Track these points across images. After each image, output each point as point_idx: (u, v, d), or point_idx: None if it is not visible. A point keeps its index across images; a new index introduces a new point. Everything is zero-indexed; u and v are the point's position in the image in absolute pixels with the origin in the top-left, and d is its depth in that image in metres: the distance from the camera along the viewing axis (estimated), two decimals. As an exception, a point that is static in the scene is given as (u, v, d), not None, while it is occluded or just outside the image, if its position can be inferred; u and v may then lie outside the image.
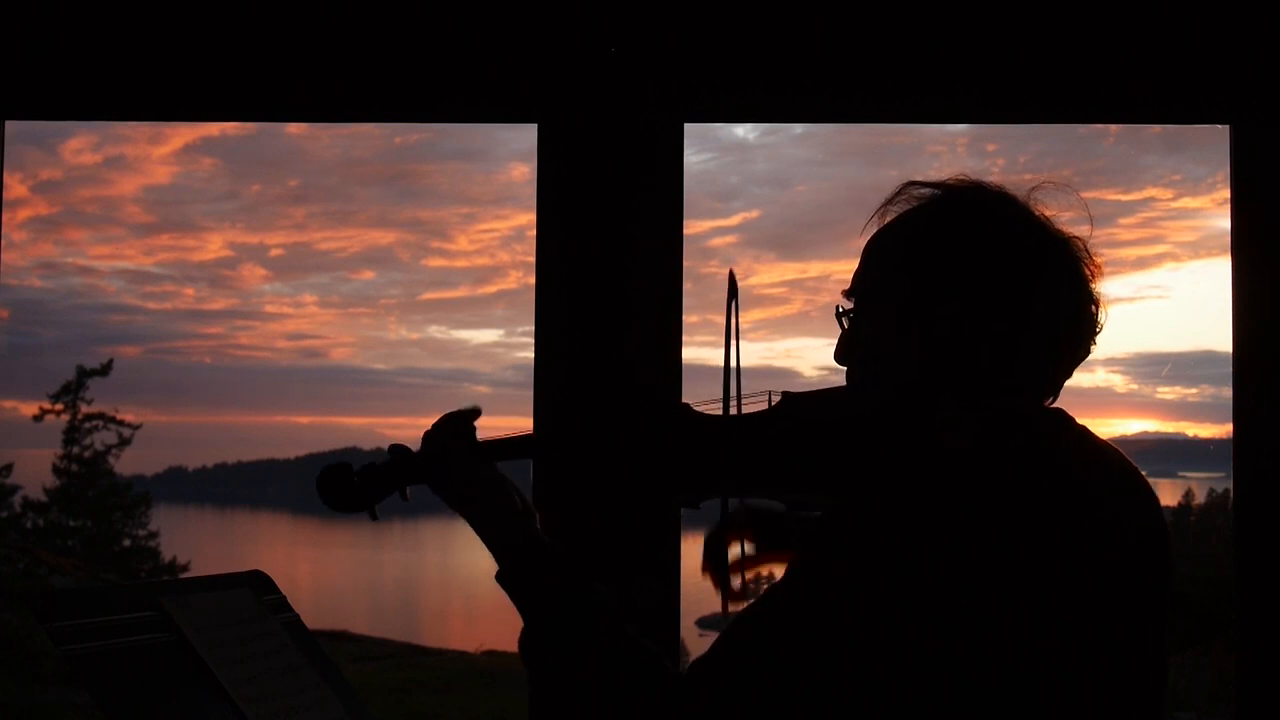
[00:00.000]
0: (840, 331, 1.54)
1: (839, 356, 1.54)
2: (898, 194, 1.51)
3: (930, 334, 1.44)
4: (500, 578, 1.57)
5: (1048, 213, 1.48)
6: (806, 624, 1.32)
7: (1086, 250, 1.48)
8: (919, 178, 1.51)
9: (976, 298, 1.42)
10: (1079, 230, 1.49)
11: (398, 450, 1.67)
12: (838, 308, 1.53)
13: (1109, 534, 1.37)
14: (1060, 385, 1.50)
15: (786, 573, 1.39)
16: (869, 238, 1.53)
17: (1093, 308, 1.48)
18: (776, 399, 1.60)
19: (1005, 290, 1.42)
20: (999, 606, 1.30)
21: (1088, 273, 1.47)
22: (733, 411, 1.61)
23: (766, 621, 1.36)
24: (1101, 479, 1.43)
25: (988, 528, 1.31)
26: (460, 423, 1.67)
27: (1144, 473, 1.49)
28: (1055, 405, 1.50)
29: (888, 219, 1.51)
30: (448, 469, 1.63)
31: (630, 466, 1.64)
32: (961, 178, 1.50)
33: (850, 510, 1.37)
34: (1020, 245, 1.44)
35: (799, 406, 1.58)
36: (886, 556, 1.31)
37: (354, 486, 1.64)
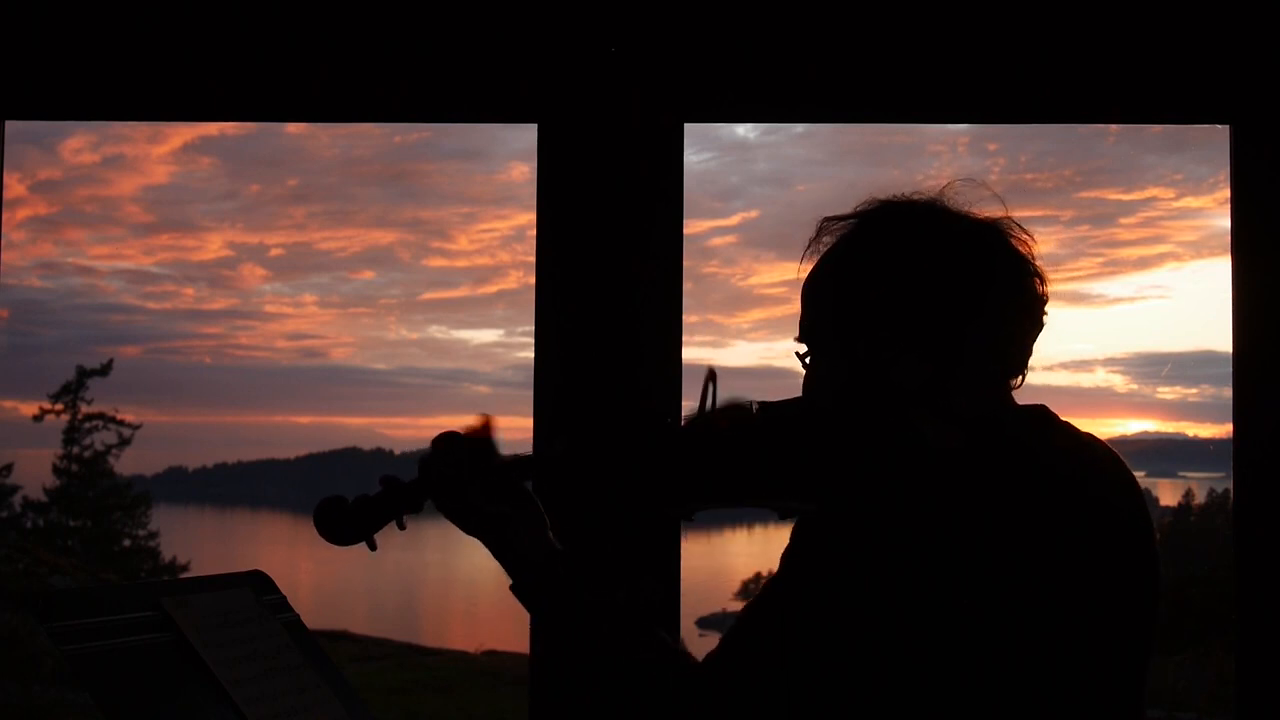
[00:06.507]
0: (803, 375, 1.55)
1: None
2: (818, 232, 1.54)
3: (877, 350, 1.45)
4: (513, 589, 1.59)
5: (966, 207, 1.50)
6: (802, 623, 1.34)
7: (1017, 226, 1.50)
8: (832, 213, 1.54)
9: (914, 305, 1.44)
10: (998, 212, 1.51)
11: (390, 481, 1.64)
12: (797, 353, 1.55)
13: (1097, 527, 1.38)
14: (1023, 365, 1.51)
15: (781, 574, 1.40)
16: (803, 280, 1.55)
17: (1035, 281, 1.49)
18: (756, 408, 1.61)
19: (942, 289, 1.44)
20: (993, 600, 1.31)
21: (1021, 249, 1.48)
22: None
23: (767, 620, 1.37)
24: (1088, 474, 1.44)
25: (979, 524, 1.32)
26: (458, 453, 1.62)
27: (1144, 473, 1.50)
28: (1039, 403, 1.51)
29: (815, 257, 1.54)
30: (443, 499, 1.62)
31: (619, 489, 1.65)
32: (872, 200, 1.53)
33: (840, 512, 1.37)
34: (946, 242, 1.47)
35: (779, 416, 1.59)
36: (877, 556, 1.32)
37: (350, 520, 1.63)
